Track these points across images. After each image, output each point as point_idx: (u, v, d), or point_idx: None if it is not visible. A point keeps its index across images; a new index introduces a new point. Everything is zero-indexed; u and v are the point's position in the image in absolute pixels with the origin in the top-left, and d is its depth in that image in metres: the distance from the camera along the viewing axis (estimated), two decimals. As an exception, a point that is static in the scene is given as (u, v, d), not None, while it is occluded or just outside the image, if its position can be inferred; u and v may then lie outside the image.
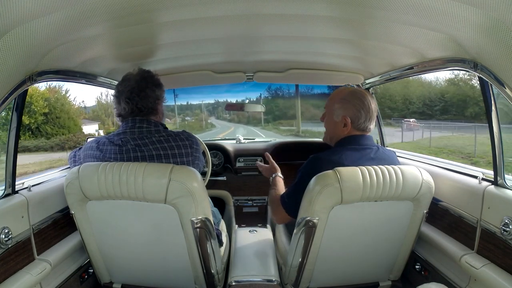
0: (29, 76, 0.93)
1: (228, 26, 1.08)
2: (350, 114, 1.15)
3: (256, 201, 2.12)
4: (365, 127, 1.16)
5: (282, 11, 0.94)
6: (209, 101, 16.62)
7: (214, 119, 19.96)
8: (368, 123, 1.16)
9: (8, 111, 1.00)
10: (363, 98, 1.16)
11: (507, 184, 1.02)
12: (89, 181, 1.01)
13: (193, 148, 1.14)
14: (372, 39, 1.16)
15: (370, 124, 1.17)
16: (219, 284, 1.23)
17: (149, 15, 0.92)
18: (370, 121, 1.16)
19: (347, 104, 1.16)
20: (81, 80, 1.29)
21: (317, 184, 1.03)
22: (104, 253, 1.18)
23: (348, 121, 1.15)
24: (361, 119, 1.15)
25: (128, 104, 1.10)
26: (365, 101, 1.15)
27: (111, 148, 1.09)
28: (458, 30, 0.83)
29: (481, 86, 0.99)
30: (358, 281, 1.27)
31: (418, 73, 1.31)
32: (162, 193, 0.99)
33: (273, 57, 1.57)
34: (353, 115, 1.15)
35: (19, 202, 1.03)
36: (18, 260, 1.00)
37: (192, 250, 1.09)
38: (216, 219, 1.40)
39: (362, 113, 1.14)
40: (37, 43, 0.82)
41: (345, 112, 1.16)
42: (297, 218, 1.10)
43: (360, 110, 1.14)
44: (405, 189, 1.04)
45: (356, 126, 1.16)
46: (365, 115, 1.14)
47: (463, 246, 1.12)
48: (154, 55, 1.39)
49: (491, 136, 1.02)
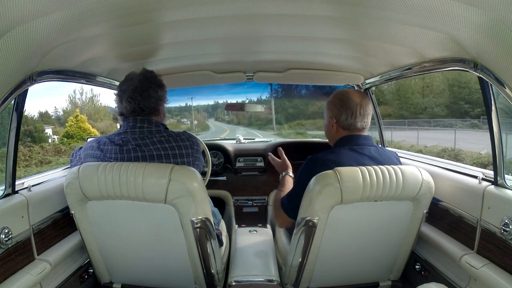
0: (29, 76, 0.93)
1: (228, 26, 1.09)
2: (334, 114, 1.20)
3: (256, 201, 2.12)
4: (349, 125, 1.17)
5: (282, 11, 0.94)
6: (200, 102, 15.87)
7: (213, 121, 19.60)
8: (351, 120, 1.16)
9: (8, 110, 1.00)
10: (342, 96, 1.18)
11: (507, 184, 1.02)
12: (89, 181, 1.01)
13: (193, 148, 1.14)
14: (372, 39, 1.16)
15: (356, 122, 1.16)
16: (219, 284, 1.23)
17: (149, 15, 0.92)
18: (355, 118, 1.16)
19: (330, 105, 1.21)
20: (81, 80, 1.29)
21: (317, 184, 1.03)
22: (104, 253, 1.18)
23: (333, 121, 1.19)
24: (342, 117, 1.17)
25: (130, 104, 1.11)
26: (345, 99, 1.17)
27: (112, 147, 1.09)
28: (458, 30, 0.83)
29: (481, 86, 0.99)
30: (358, 281, 1.27)
31: (418, 73, 1.31)
32: (162, 193, 0.99)
33: (273, 57, 1.57)
34: (335, 114, 1.19)
35: (19, 202, 1.03)
36: (18, 260, 1.00)
37: (192, 250, 1.09)
38: (216, 219, 1.40)
39: (342, 111, 1.17)
40: (37, 43, 0.82)
41: (330, 113, 1.21)
42: (297, 218, 1.10)
43: (339, 107, 1.17)
44: (405, 189, 1.04)
45: (340, 124, 1.18)
46: (345, 112, 1.16)
47: (463, 246, 1.12)
48: (154, 55, 1.39)
49: (491, 136, 1.02)
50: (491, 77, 0.86)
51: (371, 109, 1.20)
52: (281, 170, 1.39)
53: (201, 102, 14.36)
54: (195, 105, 16.14)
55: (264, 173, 2.15)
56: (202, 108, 17.38)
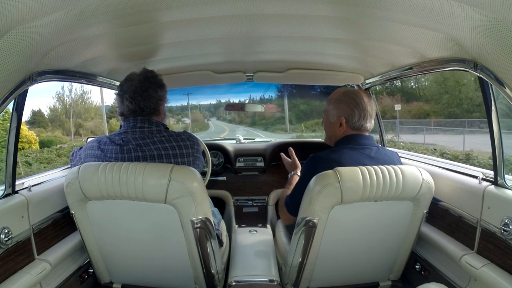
0: (29, 76, 0.93)
1: (228, 26, 1.09)
2: (344, 113, 1.17)
3: (256, 201, 2.11)
4: (360, 126, 1.17)
5: (282, 11, 0.94)
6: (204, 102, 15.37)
7: (215, 120, 19.37)
8: (363, 122, 1.17)
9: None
10: (355, 97, 1.17)
11: (507, 184, 1.02)
12: (89, 181, 1.01)
13: (194, 148, 1.14)
14: (372, 39, 1.16)
15: (366, 123, 1.17)
16: (219, 284, 1.23)
17: (149, 15, 0.92)
18: (366, 120, 1.17)
19: (340, 104, 1.18)
20: (81, 80, 1.29)
21: (317, 184, 1.03)
22: (104, 253, 1.18)
23: (343, 120, 1.17)
24: (355, 118, 1.16)
25: (131, 104, 1.11)
26: (358, 100, 1.16)
27: (112, 147, 1.10)
28: (458, 30, 0.83)
29: (481, 86, 0.99)
30: (358, 281, 1.27)
31: (418, 73, 1.31)
32: (162, 193, 0.99)
33: (273, 57, 1.57)
34: (346, 114, 1.17)
35: (19, 202, 1.03)
36: (18, 260, 1.00)
37: (192, 250, 1.09)
38: (216, 219, 1.40)
39: (355, 112, 1.16)
40: (37, 43, 0.82)
41: (339, 112, 1.18)
42: (297, 218, 1.10)
43: (353, 108, 1.16)
44: (405, 189, 1.04)
45: (351, 125, 1.17)
46: (358, 113, 1.16)
47: (463, 246, 1.12)
48: (154, 55, 1.39)
49: (491, 136, 1.02)
50: (491, 77, 0.86)
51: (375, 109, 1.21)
52: (291, 169, 1.45)
53: (203, 101, 13.98)
54: (197, 104, 15.79)
55: (264, 173, 2.15)
56: (204, 107, 17.08)
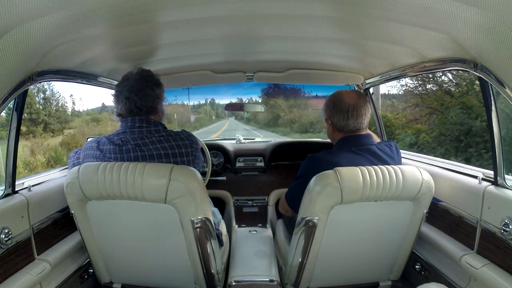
0: (29, 76, 0.93)
1: (228, 26, 1.09)
2: (329, 116, 1.23)
3: (256, 201, 2.11)
4: (342, 126, 1.19)
5: (282, 11, 0.94)
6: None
7: (233, 119, 19.25)
8: (344, 122, 1.18)
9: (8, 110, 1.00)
10: (335, 99, 1.21)
11: (507, 184, 1.02)
12: (89, 181, 1.01)
13: (193, 147, 1.14)
14: (372, 39, 1.16)
15: (350, 124, 1.18)
16: (219, 284, 1.23)
17: (149, 15, 0.92)
18: (348, 120, 1.18)
19: (325, 107, 1.25)
20: (81, 80, 1.29)
21: (317, 184, 1.03)
22: (104, 253, 1.18)
23: (329, 122, 1.23)
24: (335, 119, 1.20)
25: (126, 103, 1.10)
26: (337, 101, 1.20)
27: (111, 147, 1.09)
28: (458, 30, 0.83)
29: (481, 86, 0.99)
30: (358, 281, 1.27)
31: (418, 73, 1.31)
32: (162, 193, 0.99)
33: (273, 57, 1.57)
34: (329, 116, 1.22)
35: (19, 202, 1.03)
36: (18, 260, 1.00)
37: (192, 250, 1.09)
38: (216, 219, 1.40)
39: (334, 113, 1.20)
40: (37, 43, 0.82)
41: (325, 115, 1.26)
42: (297, 217, 1.11)
43: (332, 110, 1.21)
44: (405, 189, 1.04)
45: (335, 126, 1.21)
46: (337, 114, 1.19)
47: (463, 246, 1.12)
48: (154, 55, 1.39)
49: (491, 136, 1.02)
50: (491, 77, 0.86)
51: (368, 109, 1.21)
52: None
53: (222, 101, 13.59)
54: (217, 103, 15.23)
55: (264, 173, 2.15)
56: (221, 106, 16.71)
